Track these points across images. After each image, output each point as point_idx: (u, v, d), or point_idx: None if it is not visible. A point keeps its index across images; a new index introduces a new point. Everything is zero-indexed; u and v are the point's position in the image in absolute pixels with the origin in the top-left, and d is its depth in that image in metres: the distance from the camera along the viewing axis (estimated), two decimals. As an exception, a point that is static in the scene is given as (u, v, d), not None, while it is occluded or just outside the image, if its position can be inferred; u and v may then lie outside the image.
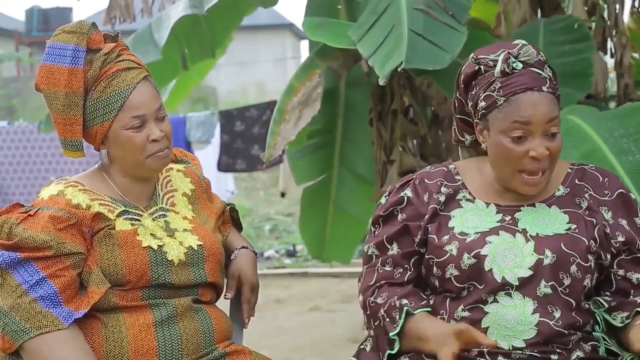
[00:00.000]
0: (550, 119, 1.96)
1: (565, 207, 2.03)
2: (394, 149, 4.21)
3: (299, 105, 3.94)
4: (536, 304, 1.93)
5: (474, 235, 1.99)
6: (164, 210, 2.17)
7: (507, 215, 2.03)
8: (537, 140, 1.96)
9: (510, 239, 1.98)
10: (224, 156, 8.45)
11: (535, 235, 1.98)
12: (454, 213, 2.05)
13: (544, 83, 1.97)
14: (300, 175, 4.95)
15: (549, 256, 1.94)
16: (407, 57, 3.08)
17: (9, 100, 16.00)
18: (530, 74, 1.98)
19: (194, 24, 4.41)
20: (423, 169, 2.19)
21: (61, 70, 2.04)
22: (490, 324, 1.94)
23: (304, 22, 3.98)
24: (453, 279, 1.99)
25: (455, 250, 1.98)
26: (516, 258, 1.96)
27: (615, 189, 2.07)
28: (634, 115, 2.95)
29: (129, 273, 2.02)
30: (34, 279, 1.95)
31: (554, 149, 1.98)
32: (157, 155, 2.09)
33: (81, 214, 2.02)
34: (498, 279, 1.94)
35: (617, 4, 4.32)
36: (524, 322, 1.92)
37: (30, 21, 18.43)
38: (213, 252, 2.16)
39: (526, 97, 1.96)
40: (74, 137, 2.08)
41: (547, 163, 1.98)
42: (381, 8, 3.43)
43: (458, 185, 2.09)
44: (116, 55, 2.08)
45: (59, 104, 2.05)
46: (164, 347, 2.03)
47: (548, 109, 1.96)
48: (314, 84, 3.95)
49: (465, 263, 1.97)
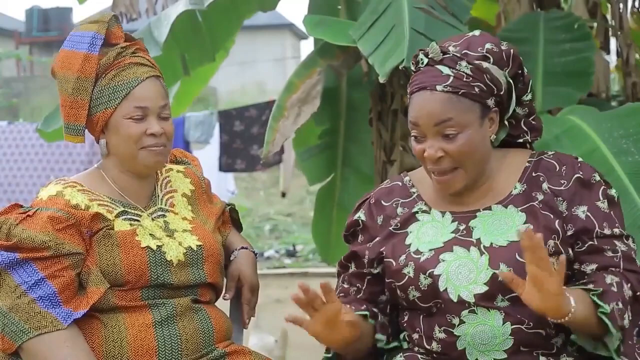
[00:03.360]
0: (439, 121, 1.88)
1: (521, 205, 1.94)
2: (394, 148, 4.21)
3: (298, 103, 3.93)
4: (503, 313, 1.86)
5: (428, 253, 1.93)
6: (163, 210, 2.16)
7: (461, 224, 1.95)
8: (429, 142, 1.90)
9: (464, 254, 1.91)
10: (223, 156, 8.44)
11: (490, 245, 1.90)
12: (411, 228, 2.00)
13: (442, 81, 1.89)
14: (311, 176, 4.94)
15: (504, 270, 1.85)
16: (409, 55, 3.07)
17: (9, 100, 16.00)
18: (429, 72, 1.92)
19: (193, 29, 4.40)
20: (380, 186, 2.13)
21: (77, 55, 2.08)
22: (465, 345, 1.89)
23: (304, 20, 3.98)
24: (417, 300, 1.94)
25: (412, 272, 1.93)
26: (470, 274, 1.89)
27: (572, 175, 1.96)
28: (633, 116, 2.95)
29: (128, 273, 2.02)
30: (33, 280, 1.95)
31: (451, 151, 1.89)
32: (151, 150, 2.08)
33: (80, 215, 2.02)
34: (454, 298, 1.88)
35: (620, 3, 4.30)
36: (498, 335, 1.86)
37: (30, 21, 18.44)
38: (212, 252, 2.15)
39: (417, 98, 1.92)
40: (78, 122, 2.10)
41: (448, 164, 1.91)
42: (382, 7, 3.42)
43: (413, 199, 2.04)
44: (132, 52, 2.12)
45: (69, 87, 2.07)
46: (163, 347, 2.02)
47: (437, 109, 1.88)
48: (314, 82, 3.95)
49: (423, 284, 1.92)
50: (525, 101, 2.03)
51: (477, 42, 1.96)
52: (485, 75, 1.91)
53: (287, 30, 24.36)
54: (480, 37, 1.98)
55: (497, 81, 1.93)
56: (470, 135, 1.90)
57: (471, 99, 1.90)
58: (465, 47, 1.94)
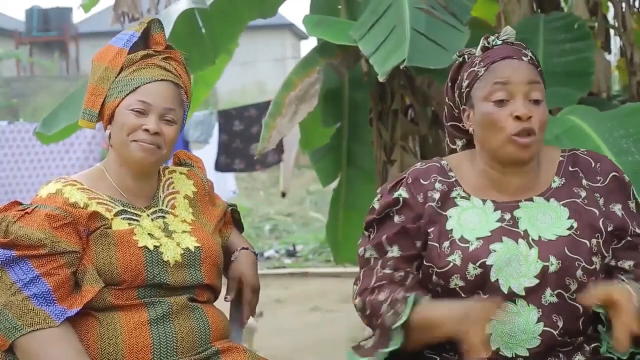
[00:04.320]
0: (530, 80, 1.96)
1: (563, 199, 1.98)
2: (395, 148, 4.21)
3: (295, 101, 3.93)
4: (540, 312, 1.88)
5: (476, 242, 1.92)
6: (163, 212, 2.16)
7: (506, 213, 1.96)
8: (519, 102, 1.94)
9: (513, 247, 1.92)
10: (222, 156, 8.43)
11: (538, 239, 1.92)
12: (450, 212, 1.98)
13: (524, 54, 2.00)
14: (322, 177, 4.94)
15: (554, 263, 1.89)
16: (409, 55, 3.07)
17: (9, 100, 16.00)
18: (509, 47, 2.02)
19: (194, 33, 4.40)
20: (413, 167, 2.10)
21: (113, 49, 2.17)
22: (493, 330, 1.88)
23: (304, 19, 3.98)
24: (459, 289, 1.92)
25: (459, 261, 1.91)
26: (521, 267, 1.90)
27: (608, 173, 2.01)
28: (634, 116, 2.95)
29: (124, 272, 2.02)
30: (28, 277, 1.96)
31: (537, 115, 1.94)
32: (141, 145, 2.08)
33: (77, 213, 2.02)
34: (504, 289, 1.89)
35: (623, 2, 4.30)
36: (528, 331, 1.88)
37: (30, 21, 18.46)
38: (210, 254, 2.15)
39: (505, 63, 1.99)
40: (93, 108, 2.16)
41: (534, 126, 1.94)
42: (383, 7, 3.43)
43: (452, 182, 2.03)
44: (163, 58, 2.17)
45: (97, 76, 2.16)
46: (158, 344, 2.02)
47: (527, 71, 1.97)
48: (313, 80, 3.94)
49: (471, 274, 1.90)
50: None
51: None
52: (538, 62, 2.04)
53: (287, 30, 24.36)
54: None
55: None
56: (546, 107, 1.98)
57: (542, 78, 2.01)
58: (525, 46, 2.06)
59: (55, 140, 4.63)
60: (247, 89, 18.62)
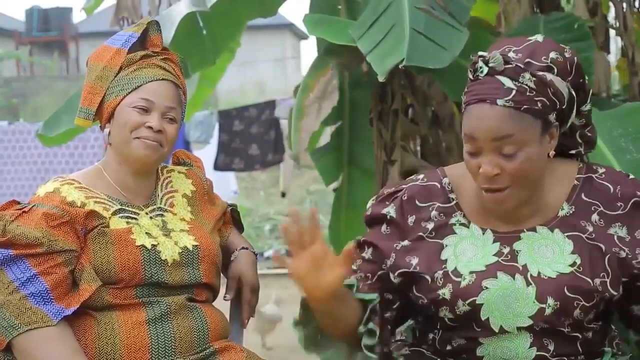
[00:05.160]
0: (498, 137, 1.75)
1: (569, 231, 1.84)
2: (395, 148, 4.20)
3: (316, 100, 3.94)
4: (532, 337, 1.81)
5: (469, 277, 1.82)
6: (162, 210, 2.16)
7: (505, 246, 1.85)
8: (487, 157, 1.77)
9: (509, 283, 1.81)
10: (221, 155, 8.43)
11: (537, 275, 1.81)
12: (447, 241, 1.88)
13: (503, 95, 1.75)
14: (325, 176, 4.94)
15: (552, 305, 1.79)
16: (408, 55, 3.07)
17: (9, 100, 16.00)
18: (489, 83, 1.78)
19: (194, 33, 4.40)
20: (414, 182, 1.97)
21: (110, 49, 2.18)
22: (485, 354, 1.84)
23: (304, 19, 3.98)
24: (446, 320, 1.87)
25: (449, 295, 1.83)
26: (517, 304, 1.80)
27: (629, 198, 1.85)
28: (633, 115, 2.96)
29: (122, 271, 2.02)
30: (26, 276, 1.96)
31: (509, 170, 1.77)
32: (144, 142, 2.09)
33: (75, 212, 2.02)
34: (495, 328, 1.81)
35: (624, 2, 4.29)
36: (520, 356, 1.82)
37: (30, 21, 18.45)
38: (208, 253, 2.15)
39: (475, 110, 1.78)
40: (90, 106, 2.16)
41: (503, 182, 1.78)
42: (382, 7, 3.43)
43: (452, 206, 1.91)
44: (162, 58, 2.18)
45: (94, 75, 2.16)
46: (156, 344, 2.02)
47: (496, 125, 1.74)
48: (328, 78, 3.95)
49: (460, 309, 1.83)
50: (584, 111, 1.92)
51: (541, 49, 1.82)
52: (549, 88, 1.78)
53: (287, 30, 24.35)
54: (545, 43, 1.84)
55: (560, 94, 1.80)
56: (530, 153, 1.77)
57: (533, 115, 1.76)
58: (528, 55, 1.80)
59: (58, 143, 4.62)
60: (247, 89, 18.62)
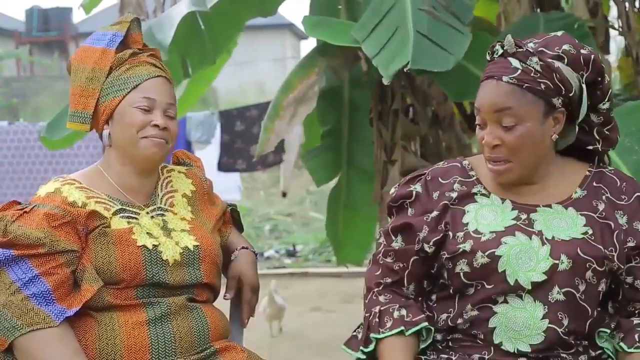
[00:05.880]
0: (498, 109, 1.92)
1: (582, 210, 1.97)
2: (395, 148, 4.20)
3: (294, 103, 3.94)
4: (547, 309, 1.89)
5: (489, 234, 1.94)
6: (162, 210, 2.16)
7: (522, 214, 1.97)
8: (489, 129, 1.94)
9: (526, 241, 1.92)
10: (224, 156, 8.44)
11: (552, 238, 1.92)
12: (468, 208, 2.00)
13: (509, 73, 1.92)
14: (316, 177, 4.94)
15: (565, 262, 1.89)
16: (413, 58, 3.07)
17: (9, 100, 16.00)
18: (500, 63, 1.95)
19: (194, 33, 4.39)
20: (436, 165, 2.13)
21: (95, 50, 2.15)
22: (497, 324, 1.91)
23: (303, 21, 3.98)
24: (462, 275, 1.95)
25: (469, 248, 1.93)
26: (530, 261, 1.90)
27: (633, 193, 2.00)
28: (635, 114, 2.95)
29: (123, 271, 2.02)
30: (28, 277, 1.95)
31: (508, 141, 1.93)
32: (152, 140, 2.09)
33: (76, 212, 2.02)
34: (511, 281, 1.90)
35: (626, 2, 4.29)
36: (532, 327, 1.89)
37: (30, 21, 18.46)
38: (209, 253, 2.15)
39: (484, 85, 1.96)
40: (86, 110, 2.13)
41: (503, 154, 1.94)
42: (385, 8, 3.42)
43: (472, 181, 2.04)
44: (148, 55, 2.18)
45: (83, 77, 2.13)
46: (156, 344, 2.02)
47: (498, 98, 1.92)
48: (312, 82, 3.95)
49: (478, 261, 1.92)
50: (602, 109, 2.03)
51: (556, 41, 1.97)
52: (555, 74, 1.92)
53: (287, 30, 24.35)
54: (562, 37, 1.99)
55: (567, 82, 1.93)
56: (529, 129, 1.92)
57: (535, 94, 1.92)
58: (544, 44, 1.96)
59: (62, 146, 4.61)
60: (247, 89, 18.62)
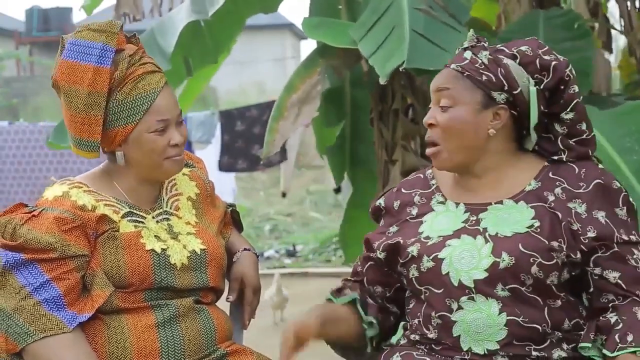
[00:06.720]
0: (438, 88, 2.00)
1: (532, 202, 1.96)
2: (396, 148, 4.21)
3: (298, 103, 3.94)
4: (501, 304, 1.89)
5: (437, 238, 1.98)
6: (167, 213, 2.16)
7: (473, 215, 1.99)
8: (431, 110, 2.02)
9: (470, 242, 1.95)
10: (224, 156, 8.43)
11: (495, 235, 1.93)
12: (425, 218, 2.05)
13: (457, 62, 2.01)
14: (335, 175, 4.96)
15: (506, 259, 1.89)
16: (409, 57, 3.08)
17: (9, 100, 15.99)
18: (457, 55, 2.05)
19: (196, 33, 4.40)
20: (406, 178, 2.21)
21: (85, 69, 1.98)
22: (460, 332, 1.92)
23: (303, 22, 3.98)
24: (414, 280, 2.00)
25: (416, 252, 1.98)
26: (472, 260, 1.92)
27: (592, 180, 1.97)
28: (634, 114, 2.95)
29: (132, 275, 2.01)
30: (38, 282, 1.94)
31: (440, 121, 1.98)
32: (175, 159, 2.09)
33: (86, 216, 2.01)
34: (455, 282, 1.92)
35: (628, 1, 4.29)
36: (493, 325, 1.89)
37: (30, 21, 18.43)
38: (215, 256, 2.15)
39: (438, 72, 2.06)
40: (92, 138, 2.02)
41: (436, 135, 2.00)
42: (382, 8, 3.43)
43: (432, 190, 2.10)
44: (139, 57, 2.06)
45: (79, 102, 1.99)
46: (166, 348, 2.02)
47: (440, 79, 2.01)
48: (314, 82, 3.95)
49: (424, 265, 1.97)
50: (565, 119, 2.02)
51: (520, 43, 2.03)
52: (501, 69, 1.98)
53: (287, 30, 24.34)
54: (529, 41, 2.04)
55: (512, 79, 1.97)
56: (463, 114, 1.97)
57: (474, 83, 1.97)
58: (507, 45, 2.03)
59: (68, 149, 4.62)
60: (247, 89, 18.61)
